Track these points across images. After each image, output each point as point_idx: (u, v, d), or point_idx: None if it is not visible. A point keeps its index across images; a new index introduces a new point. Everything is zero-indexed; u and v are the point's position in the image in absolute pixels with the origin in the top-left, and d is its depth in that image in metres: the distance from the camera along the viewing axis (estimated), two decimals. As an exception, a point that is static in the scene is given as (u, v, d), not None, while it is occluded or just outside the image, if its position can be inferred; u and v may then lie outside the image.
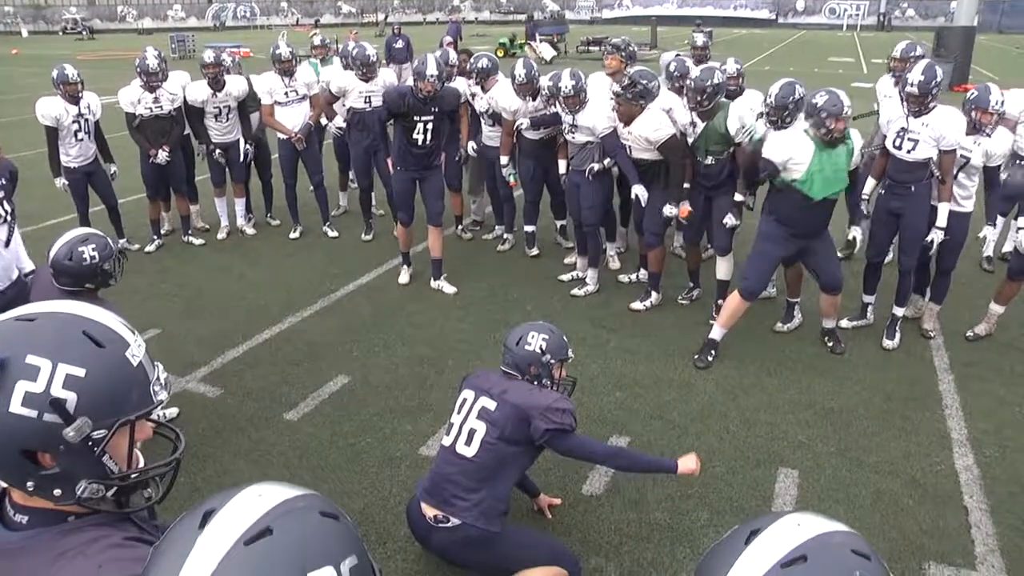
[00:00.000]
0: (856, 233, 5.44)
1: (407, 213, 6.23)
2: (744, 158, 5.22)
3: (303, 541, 0.94)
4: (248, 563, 0.91)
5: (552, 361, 3.18)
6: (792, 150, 4.72)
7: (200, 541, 0.93)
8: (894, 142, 5.07)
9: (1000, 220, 5.73)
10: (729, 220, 5.35)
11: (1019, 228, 5.16)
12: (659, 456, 3.85)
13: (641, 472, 3.72)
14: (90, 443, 1.23)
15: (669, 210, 5.54)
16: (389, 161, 6.09)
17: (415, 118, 5.73)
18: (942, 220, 5.03)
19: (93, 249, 3.65)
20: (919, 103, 4.86)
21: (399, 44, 15.13)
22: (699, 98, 5.29)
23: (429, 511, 3.02)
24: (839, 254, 6.15)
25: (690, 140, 5.48)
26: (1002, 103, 5.07)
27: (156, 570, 0.94)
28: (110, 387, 1.24)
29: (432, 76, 5.58)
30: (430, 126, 5.80)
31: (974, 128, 5.06)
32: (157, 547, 0.97)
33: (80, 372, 1.20)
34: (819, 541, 1.02)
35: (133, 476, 1.32)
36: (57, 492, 1.24)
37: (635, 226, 6.21)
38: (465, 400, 3.14)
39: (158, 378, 1.33)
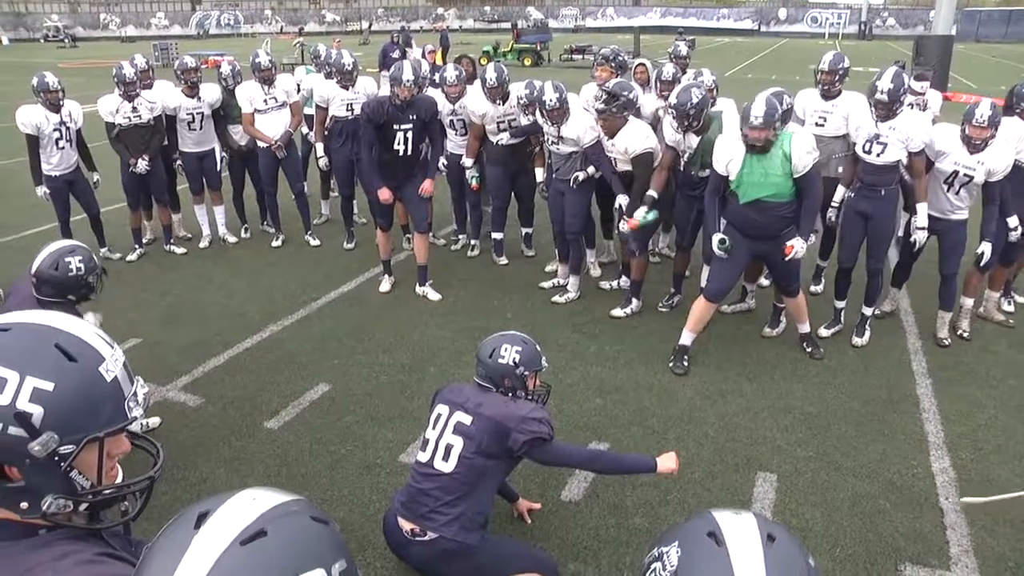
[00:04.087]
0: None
1: (386, 219, 6.25)
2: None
3: (296, 543, 0.97)
4: (243, 563, 0.93)
5: (526, 373, 3.17)
6: (730, 154, 4.82)
7: (196, 540, 0.95)
8: (864, 147, 5.20)
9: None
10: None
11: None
12: (638, 456, 3.76)
13: (622, 474, 3.74)
14: (57, 458, 1.20)
15: (627, 223, 5.51)
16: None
17: (395, 127, 5.75)
18: (922, 219, 5.15)
19: (79, 261, 3.68)
20: (887, 109, 5.00)
21: (395, 53, 15.00)
22: (685, 122, 5.28)
23: (406, 525, 3.01)
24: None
25: (684, 155, 5.53)
26: (990, 116, 4.88)
27: (151, 568, 0.95)
28: (79, 402, 1.21)
29: (408, 81, 5.62)
30: (410, 135, 5.81)
31: (972, 146, 4.96)
32: (151, 546, 0.98)
33: (48, 386, 1.17)
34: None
35: (106, 492, 1.29)
36: (24, 505, 1.21)
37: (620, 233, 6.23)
38: (440, 415, 3.12)
39: (134, 394, 1.30)
